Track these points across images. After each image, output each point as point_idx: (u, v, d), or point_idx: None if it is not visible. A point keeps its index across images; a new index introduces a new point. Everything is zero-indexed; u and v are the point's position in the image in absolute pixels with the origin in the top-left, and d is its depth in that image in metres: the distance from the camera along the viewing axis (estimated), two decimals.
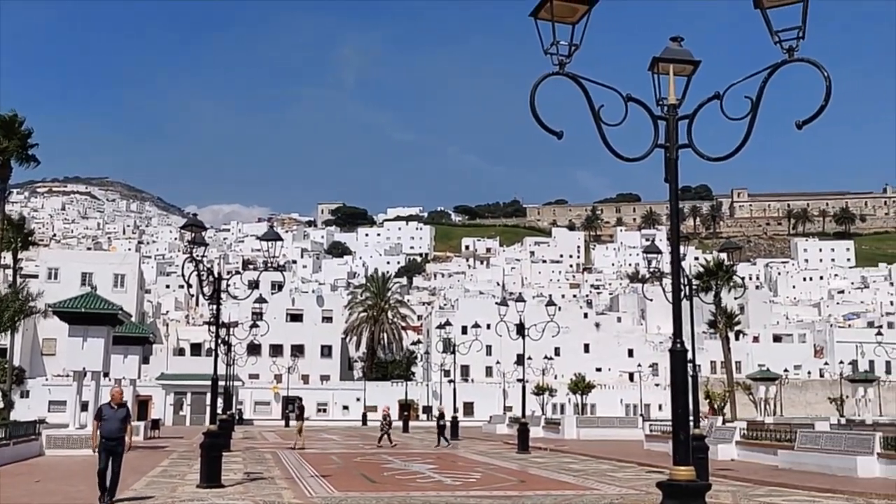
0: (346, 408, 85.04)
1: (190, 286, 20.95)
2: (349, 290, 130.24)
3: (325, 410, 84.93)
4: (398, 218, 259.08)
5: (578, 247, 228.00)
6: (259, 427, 68.38)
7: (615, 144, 8.46)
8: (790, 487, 20.35)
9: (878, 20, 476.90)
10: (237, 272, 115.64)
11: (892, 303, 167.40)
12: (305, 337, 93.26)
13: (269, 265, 20.08)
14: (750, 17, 8.08)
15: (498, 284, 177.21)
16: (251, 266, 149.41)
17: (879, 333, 74.54)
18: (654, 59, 9.02)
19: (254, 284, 22.80)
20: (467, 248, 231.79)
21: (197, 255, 19.76)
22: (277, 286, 79.71)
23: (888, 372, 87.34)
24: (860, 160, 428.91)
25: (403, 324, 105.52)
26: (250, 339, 51.98)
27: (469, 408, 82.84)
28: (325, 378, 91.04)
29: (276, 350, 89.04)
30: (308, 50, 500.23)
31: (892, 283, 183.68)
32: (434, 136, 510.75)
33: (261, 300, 37.18)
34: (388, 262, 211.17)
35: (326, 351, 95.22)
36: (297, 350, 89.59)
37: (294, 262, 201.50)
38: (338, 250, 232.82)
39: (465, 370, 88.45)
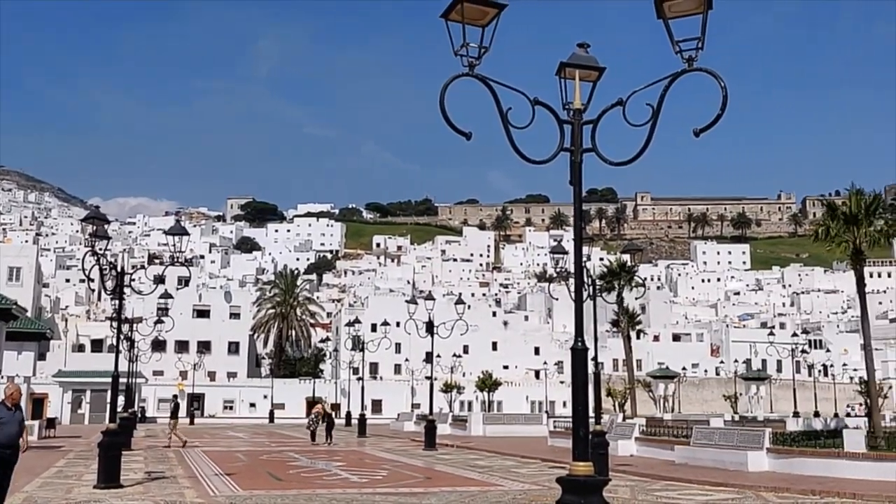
0: (253, 405, 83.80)
1: (91, 280, 20.34)
2: (258, 287, 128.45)
3: (231, 408, 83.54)
4: (309, 214, 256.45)
5: (488, 246, 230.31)
6: (163, 425, 66.65)
7: (524, 146, 8.63)
8: (685, 482, 21.09)
9: (777, 33, 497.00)
10: (142, 266, 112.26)
11: (784, 304, 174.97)
12: (212, 333, 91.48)
13: (176, 260, 19.65)
14: (656, 26, 8.33)
15: (408, 283, 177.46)
16: (157, 261, 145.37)
17: (771, 334, 77.87)
18: (562, 63, 9.23)
19: (159, 279, 22.31)
20: (378, 245, 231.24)
21: (99, 249, 19.18)
22: (184, 281, 78.05)
23: (779, 370, 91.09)
24: (757, 167, 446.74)
25: (312, 321, 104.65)
26: (155, 336, 50.71)
27: (377, 405, 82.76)
28: (232, 375, 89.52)
29: (182, 346, 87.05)
30: (222, 42, 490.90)
31: (784, 286, 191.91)
32: (348, 132, 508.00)
33: (166, 296, 36.32)
34: (298, 259, 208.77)
35: (234, 348, 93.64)
36: (204, 346, 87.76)
37: (202, 257, 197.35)
38: (247, 246, 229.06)
39: (374, 368, 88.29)
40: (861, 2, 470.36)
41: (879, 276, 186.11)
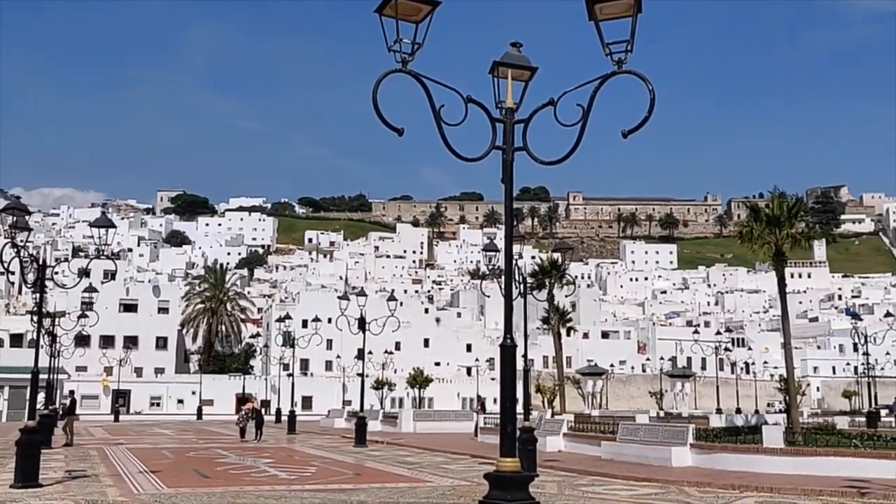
0: (181, 402, 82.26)
1: (11, 273, 19.69)
2: (187, 281, 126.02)
3: (158, 404, 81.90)
4: (241, 208, 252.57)
5: (422, 243, 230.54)
6: (86, 422, 64.91)
7: (457, 144, 8.66)
8: (610, 477, 21.48)
9: (706, 39, 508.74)
10: (66, 259, 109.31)
11: (709, 303, 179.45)
12: (140, 328, 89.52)
13: (101, 253, 19.14)
14: (590, 27, 8.41)
15: (341, 279, 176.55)
16: (82, 253, 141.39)
17: (696, 332, 79.77)
18: (495, 62, 9.27)
19: (83, 272, 21.70)
20: (311, 241, 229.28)
21: (20, 241, 18.59)
22: (110, 275, 75.84)
23: (703, 368, 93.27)
24: (685, 170, 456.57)
25: (243, 316, 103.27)
26: (79, 330, 49.26)
27: (308, 402, 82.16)
28: (159, 371, 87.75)
29: (108, 341, 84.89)
30: (154, 31, 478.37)
31: (709, 285, 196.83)
32: (282, 126, 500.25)
33: (91, 289, 35.29)
34: (229, 253, 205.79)
35: (162, 343, 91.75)
36: (131, 342, 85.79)
37: (130, 250, 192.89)
38: (176, 239, 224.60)
39: (304, 364, 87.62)
40: (789, 11, 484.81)
41: (800, 276, 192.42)
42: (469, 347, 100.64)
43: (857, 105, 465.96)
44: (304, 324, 71.44)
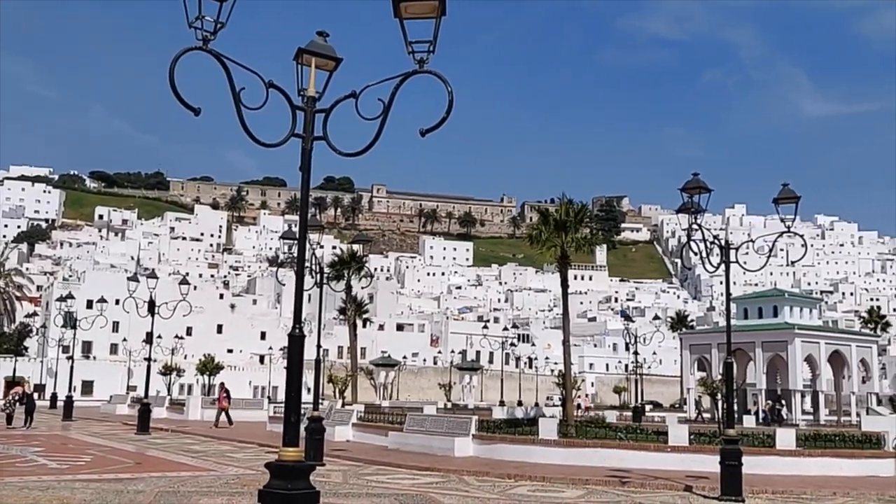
0: None
1: None
2: None
3: None
4: (23, 178, 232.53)
5: (221, 227, 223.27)
6: None
7: (262, 128, 8.53)
8: (395, 466, 21.96)
9: (508, 50, 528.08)
10: None
11: (499, 300, 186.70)
12: None
13: None
14: (395, 25, 8.51)
15: (132, 259, 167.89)
16: None
17: (486, 327, 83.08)
18: (300, 49, 9.22)
19: None
20: (101, 217, 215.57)
21: None
22: None
23: (491, 361, 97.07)
24: (484, 171, 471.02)
25: (19, 294, 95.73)
26: None
27: (88, 387, 77.78)
28: None
29: None
30: None
31: (501, 283, 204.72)
32: (76, 94, 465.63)
33: None
34: (7, 226, 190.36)
35: None
36: None
37: None
38: None
39: (87, 347, 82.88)
40: (585, 29, 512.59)
41: (582, 278, 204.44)
42: (263, 335, 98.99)
43: (641, 122, 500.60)
44: (90, 304, 67.34)
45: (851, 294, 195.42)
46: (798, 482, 19.24)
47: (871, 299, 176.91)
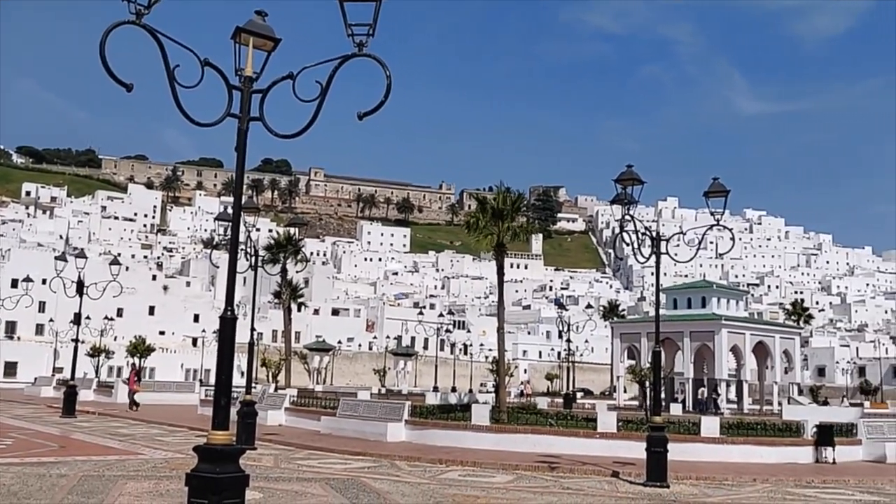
0: None
1: None
2: None
3: None
4: None
5: (155, 207, 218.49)
6: None
7: (199, 107, 8.37)
8: (327, 451, 21.92)
9: (450, 38, 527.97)
10: None
11: (436, 287, 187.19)
12: None
13: None
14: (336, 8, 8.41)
15: (61, 237, 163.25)
16: None
17: (421, 313, 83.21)
18: (237, 28, 9.09)
19: None
20: (29, 194, 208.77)
21: None
22: None
23: (426, 348, 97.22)
24: (423, 157, 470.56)
25: None
26: None
27: (12, 368, 75.63)
28: None
29: None
30: None
31: (438, 270, 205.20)
32: (4, 65, 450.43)
33: None
34: None
35: None
36: None
37: None
38: None
39: (10, 327, 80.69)
40: (527, 21, 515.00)
41: (518, 267, 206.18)
42: (197, 318, 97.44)
43: (580, 114, 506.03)
44: (14, 283, 65.41)
45: (777, 287, 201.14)
46: (721, 468, 19.81)
47: (796, 292, 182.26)
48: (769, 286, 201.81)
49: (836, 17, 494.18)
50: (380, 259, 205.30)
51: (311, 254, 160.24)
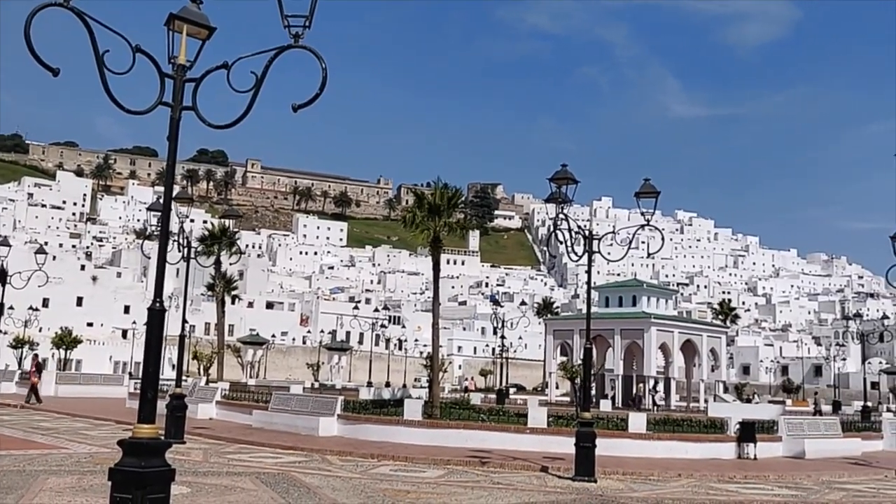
0: None
1: None
2: None
3: None
4: None
5: (85, 195, 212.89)
6: None
7: (130, 95, 8.19)
8: (258, 445, 21.72)
9: (389, 33, 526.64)
10: None
11: (372, 282, 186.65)
12: None
13: None
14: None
15: None
16: None
17: (356, 308, 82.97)
18: (171, 15, 8.93)
19: None
20: None
21: None
22: None
23: (361, 342, 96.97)
24: (362, 151, 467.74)
25: None
26: None
27: None
28: None
29: None
30: None
31: (374, 265, 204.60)
32: None
33: None
34: None
35: None
36: None
37: None
38: None
39: None
40: (465, 17, 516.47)
41: (455, 263, 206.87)
42: (127, 309, 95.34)
43: (517, 112, 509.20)
44: None
45: (705, 287, 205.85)
46: (647, 464, 20.23)
47: (723, 292, 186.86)
48: (698, 286, 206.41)
49: (766, 27, 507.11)
50: (315, 253, 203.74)
51: (247, 246, 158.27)
